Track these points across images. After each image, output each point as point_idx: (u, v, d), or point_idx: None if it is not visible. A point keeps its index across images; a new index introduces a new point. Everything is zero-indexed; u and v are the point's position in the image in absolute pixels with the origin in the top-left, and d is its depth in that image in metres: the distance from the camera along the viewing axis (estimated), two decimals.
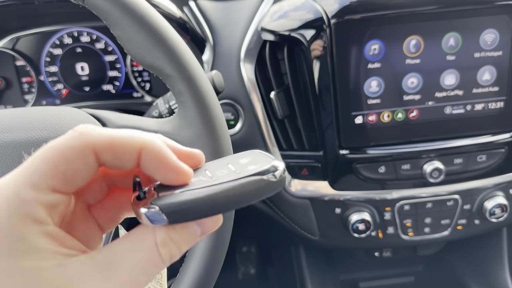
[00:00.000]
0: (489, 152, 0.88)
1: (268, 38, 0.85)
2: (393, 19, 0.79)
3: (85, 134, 0.30)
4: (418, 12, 0.78)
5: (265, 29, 0.85)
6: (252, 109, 0.87)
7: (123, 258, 0.29)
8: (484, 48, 0.82)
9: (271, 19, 0.85)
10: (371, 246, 1.08)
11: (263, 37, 0.85)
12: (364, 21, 0.78)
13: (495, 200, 0.92)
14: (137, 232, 0.31)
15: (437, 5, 0.78)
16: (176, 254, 0.31)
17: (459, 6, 0.79)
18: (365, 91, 0.83)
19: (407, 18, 0.79)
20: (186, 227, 0.31)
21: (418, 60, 0.81)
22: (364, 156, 0.87)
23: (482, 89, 0.84)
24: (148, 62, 0.56)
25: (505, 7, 0.79)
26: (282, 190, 0.91)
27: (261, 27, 0.86)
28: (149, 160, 0.31)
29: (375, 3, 0.78)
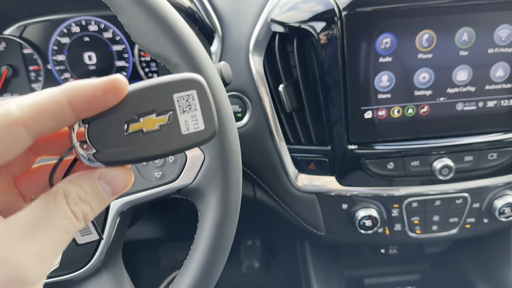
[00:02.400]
0: (500, 150, 0.86)
1: (278, 30, 0.83)
2: (406, 12, 0.77)
3: (9, 110, 0.29)
4: (431, 6, 0.77)
5: (274, 20, 0.84)
6: (260, 101, 0.86)
7: (38, 220, 0.30)
8: (498, 44, 0.80)
9: (281, 11, 0.84)
10: (378, 243, 1.07)
11: (272, 29, 0.84)
12: (376, 13, 0.77)
13: (505, 199, 0.91)
14: (49, 195, 0.31)
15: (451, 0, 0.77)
16: (88, 213, 0.32)
17: (473, 0, 0.77)
18: (376, 85, 0.82)
19: (420, 11, 0.77)
20: (94, 186, 0.32)
21: (431, 55, 0.80)
22: (373, 152, 0.86)
23: (495, 85, 0.83)
24: (155, 51, 0.55)
25: None
26: (289, 184, 0.91)
27: (270, 19, 0.84)
28: (80, 102, 0.31)
29: None
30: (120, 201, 0.57)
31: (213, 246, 0.56)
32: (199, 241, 0.56)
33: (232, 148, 0.56)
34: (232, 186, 0.57)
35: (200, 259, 0.56)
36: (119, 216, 0.57)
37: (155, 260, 1.51)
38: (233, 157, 0.56)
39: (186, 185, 0.57)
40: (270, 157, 0.89)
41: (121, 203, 0.57)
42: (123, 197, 0.57)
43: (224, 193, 0.56)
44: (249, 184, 0.98)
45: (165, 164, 0.57)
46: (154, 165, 0.57)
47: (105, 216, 0.57)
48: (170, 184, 0.57)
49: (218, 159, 0.55)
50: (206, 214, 0.56)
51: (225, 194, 0.56)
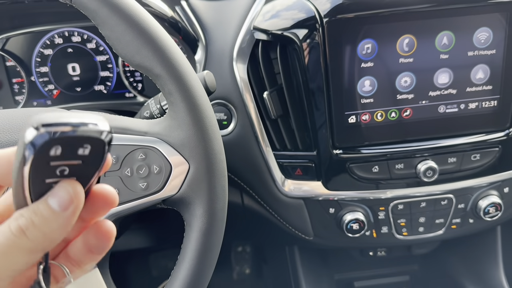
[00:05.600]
0: (483, 151, 0.88)
1: (261, 38, 0.84)
2: (386, 18, 0.78)
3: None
4: (411, 11, 0.78)
5: (257, 28, 0.84)
6: (245, 109, 0.86)
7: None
8: (478, 47, 0.81)
9: (263, 18, 0.85)
10: (366, 246, 1.08)
11: (255, 37, 0.85)
12: (357, 20, 0.78)
13: (489, 199, 0.92)
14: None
15: (431, 4, 0.78)
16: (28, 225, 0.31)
17: (452, 4, 0.78)
18: (359, 90, 0.83)
19: (400, 17, 0.78)
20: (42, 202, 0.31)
21: (411, 59, 0.81)
22: (358, 156, 0.86)
23: (475, 88, 0.84)
24: (137, 62, 0.55)
25: (498, 5, 0.79)
26: (276, 190, 0.91)
27: (253, 26, 0.85)
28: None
29: (368, 2, 0.78)
30: None
31: (200, 256, 0.56)
32: (186, 251, 0.56)
33: (216, 157, 0.57)
34: (218, 195, 0.57)
35: (187, 269, 0.56)
36: None
37: (145, 270, 1.50)
38: (218, 165, 0.57)
39: (172, 195, 0.57)
40: (256, 163, 0.89)
41: (105, 216, 0.56)
42: None
43: (209, 202, 0.56)
44: (236, 190, 0.98)
45: (150, 174, 0.57)
46: (139, 176, 0.57)
47: None
48: (155, 194, 0.57)
49: (203, 168, 0.56)
50: (192, 224, 0.57)
51: (211, 203, 0.56)
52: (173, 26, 0.87)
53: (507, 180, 0.93)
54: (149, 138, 0.57)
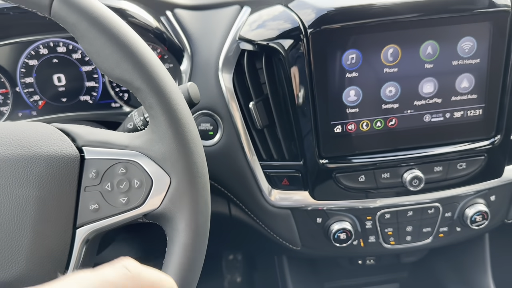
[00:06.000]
0: (469, 159, 0.88)
1: (246, 48, 0.84)
2: (370, 28, 0.78)
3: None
4: (395, 21, 0.78)
5: (243, 38, 0.84)
6: (231, 119, 0.86)
7: None
8: (462, 56, 0.82)
9: (249, 29, 0.85)
10: (354, 255, 1.08)
11: (241, 47, 0.85)
12: (341, 30, 0.78)
13: (476, 207, 0.92)
14: None
15: (414, 14, 0.78)
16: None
17: (436, 14, 0.78)
18: (344, 100, 0.83)
19: (384, 27, 0.78)
20: None
21: (396, 68, 0.81)
22: (344, 165, 0.86)
23: (460, 96, 0.84)
24: (116, 75, 0.55)
25: (482, 14, 0.79)
26: (262, 201, 0.91)
27: (239, 37, 0.85)
28: None
29: (352, 13, 0.78)
30: (85, 228, 0.56)
31: (182, 271, 0.55)
32: (168, 267, 0.56)
33: (198, 170, 0.56)
34: (200, 209, 0.56)
35: None
36: (85, 245, 0.57)
37: None
38: (200, 179, 0.56)
39: (153, 209, 0.56)
40: (243, 174, 0.89)
41: (86, 230, 0.56)
42: (88, 224, 0.56)
43: (192, 216, 0.56)
44: (224, 201, 0.98)
45: (131, 189, 0.56)
46: (119, 191, 0.56)
47: (71, 246, 0.56)
48: (136, 209, 0.56)
49: (184, 182, 0.55)
50: (174, 239, 0.56)
51: (193, 218, 0.56)
52: (158, 37, 0.87)
53: (494, 188, 0.93)
54: (130, 152, 0.57)
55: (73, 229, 0.56)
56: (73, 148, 0.57)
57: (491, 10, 0.79)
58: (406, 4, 0.78)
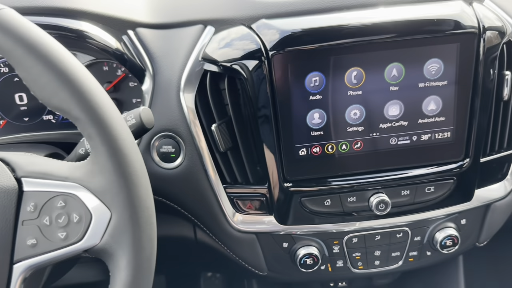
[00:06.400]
0: (437, 183, 0.86)
1: (209, 68, 0.82)
2: (333, 51, 0.77)
3: None
4: (358, 44, 0.76)
5: (205, 59, 0.82)
6: (193, 141, 0.84)
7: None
8: (429, 78, 0.80)
9: (211, 49, 0.82)
10: (322, 280, 1.05)
11: (204, 67, 0.82)
12: (303, 52, 0.76)
13: (446, 231, 0.90)
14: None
15: (378, 36, 0.76)
16: None
17: (401, 36, 0.77)
18: (308, 123, 0.81)
19: (347, 49, 0.77)
20: None
21: (360, 91, 0.79)
22: (309, 190, 0.84)
23: (428, 119, 0.83)
24: (54, 105, 0.52)
25: (448, 36, 0.78)
26: (226, 225, 0.88)
27: (201, 57, 0.83)
28: None
29: (314, 35, 0.76)
30: (21, 265, 0.53)
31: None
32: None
33: (141, 204, 0.54)
34: (143, 245, 0.54)
35: None
36: (23, 283, 0.54)
37: None
38: (143, 213, 0.54)
39: (93, 245, 0.54)
40: (206, 197, 0.86)
41: (23, 268, 0.53)
42: (25, 260, 0.54)
43: (134, 252, 0.53)
44: (189, 225, 0.95)
45: (70, 223, 0.54)
46: (58, 225, 0.53)
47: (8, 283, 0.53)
48: (75, 245, 0.54)
49: (125, 216, 0.53)
50: (116, 276, 0.54)
51: (135, 254, 0.53)
52: (118, 57, 0.84)
53: (464, 212, 0.91)
54: (69, 184, 0.54)
55: (10, 265, 0.54)
56: (12, 180, 0.54)
57: (458, 32, 0.78)
58: (370, 26, 0.76)
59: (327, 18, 0.78)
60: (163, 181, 0.86)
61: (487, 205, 0.93)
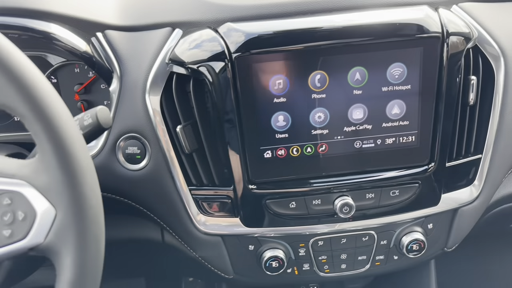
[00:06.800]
0: (402, 187, 0.86)
1: (175, 70, 0.82)
2: (296, 55, 0.77)
3: None
4: (321, 48, 0.77)
5: (172, 61, 0.82)
6: (159, 143, 0.84)
7: None
8: (392, 82, 0.80)
9: (178, 51, 0.82)
10: (290, 283, 1.05)
11: (169, 69, 0.83)
12: (267, 56, 0.76)
13: (413, 235, 0.90)
14: None
15: (341, 40, 0.77)
16: None
17: (363, 40, 0.77)
18: (273, 125, 0.81)
19: (310, 53, 0.77)
20: None
21: (324, 94, 0.80)
22: (274, 192, 0.84)
23: (392, 123, 0.83)
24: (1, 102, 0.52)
25: (411, 41, 0.78)
26: (192, 227, 0.88)
27: (168, 59, 0.83)
28: None
29: (277, 39, 0.76)
30: None
31: None
32: None
33: (87, 202, 0.54)
34: (89, 244, 0.54)
35: None
36: None
37: None
38: (88, 212, 0.54)
39: (38, 243, 0.54)
40: (171, 199, 0.86)
41: None
42: None
43: (79, 251, 0.53)
44: (157, 227, 0.95)
45: (15, 221, 0.53)
46: (3, 223, 0.53)
47: None
48: (19, 242, 0.53)
49: (70, 215, 0.53)
50: (61, 275, 0.53)
51: (80, 253, 0.53)
52: (86, 60, 0.85)
53: (431, 216, 0.91)
54: (16, 181, 0.54)
55: None
56: None
57: (421, 36, 0.78)
58: (332, 30, 0.77)
59: (291, 23, 0.78)
60: (129, 183, 0.86)
61: (455, 210, 0.93)
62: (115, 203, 0.92)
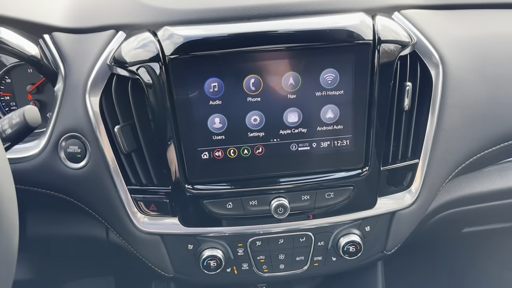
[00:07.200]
0: (337, 189, 0.88)
1: (115, 72, 0.84)
2: (230, 59, 0.79)
3: None
4: (254, 52, 0.79)
5: (113, 62, 0.84)
6: (98, 142, 0.85)
7: None
8: (325, 87, 0.83)
9: (119, 53, 0.84)
10: (230, 283, 1.07)
11: (110, 71, 0.84)
12: (201, 59, 0.78)
13: (349, 237, 0.92)
14: None
15: (275, 46, 0.79)
16: None
17: (296, 46, 0.79)
18: (209, 127, 0.83)
19: (244, 57, 0.79)
20: None
21: (259, 98, 0.82)
22: (211, 192, 0.86)
23: (326, 127, 0.85)
24: None
25: (343, 47, 0.80)
26: (131, 226, 0.90)
27: (109, 61, 0.85)
28: None
29: (211, 42, 0.78)
30: None
31: None
32: None
33: None
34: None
35: None
36: None
37: None
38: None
39: None
40: (111, 198, 0.88)
41: None
42: None
43: None
44: (102, 225, 0.97)
45: None
46: None
47: None
48: None
49: None
50: None
51: None
52: (34, 63, 0.86)
53: (368, 218, 0.94)
54: None
55: None
56: None
57: (353, 43, 0.80)
58: (266, 36, 0.79)
59: (226, 27, 0.80)
60: (70, 181, 0.88)
61: (392, 213, 0.95)
62: (61, 202, 0.94)
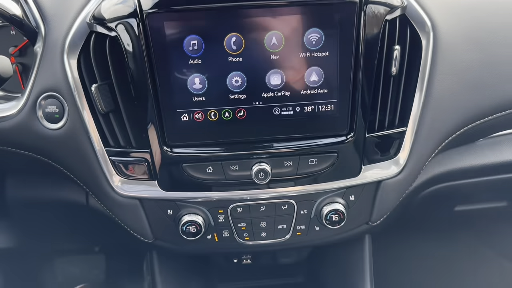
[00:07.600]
0: (320, 155, 0.86)
1: (93, 29, 0.82)
2: (210, 15, 0.76)
3: None
4: (236, 8, 0.76)
5: (91, 20, 0.82)
6: (75, 102, 0.83)
7: None
8: (309, 48, 0.80)
9: (99, 10, 0.82)
10: (211, 250, 1.05)
11: (89, 28, 0.82)
12: (180, 15, 0.76)
13: (333, 206, 0.90)
14: None
15: (257, 1, 0.76)
16: None
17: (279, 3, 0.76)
18: (189, 88, 0.80)
19: (225, 14, 0.76)
20: None
21: (241, 58, 0.79)
22: (191, 156, 0.84)
23: (310, 90, 0.83)
24: None
25: (328, 6, 0.77)
26: (109, 189, 0.88)
27: (88, 19, 0.82)
28: None
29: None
30: None
31: None
32: None
33: None
34: None
35: None
36: None
37: None
38: None
39: None
40: (88, 160, 0.86)
41: None
42: None
43: None
44: (81, 189, 0.95)
45: None
46: None
47: None
48: None
49: None
50: None
51: None
52: (16, 23, 0.84)
53: (352, 187, 0.91)
54: None
55: None
56: None
57: (338, 2, 0.77)
58: None
59: None
60: (48, 142, 0.86)
61: (378, 183, 0.93)
62: (41, 165, 0.92)
